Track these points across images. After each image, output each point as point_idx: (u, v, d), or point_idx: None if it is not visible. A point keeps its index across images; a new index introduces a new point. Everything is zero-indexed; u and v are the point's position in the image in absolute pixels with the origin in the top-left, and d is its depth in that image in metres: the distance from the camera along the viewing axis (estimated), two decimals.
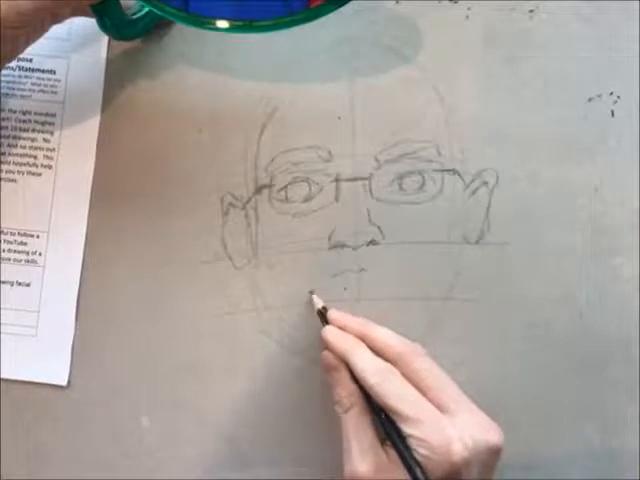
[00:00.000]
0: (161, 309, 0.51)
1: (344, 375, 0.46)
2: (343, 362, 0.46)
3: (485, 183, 0.52)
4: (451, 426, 0.42)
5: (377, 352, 0.46)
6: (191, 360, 0.51)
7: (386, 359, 0.45)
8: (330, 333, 0.47)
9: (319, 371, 0.51)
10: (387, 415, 0.44)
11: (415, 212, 0.52)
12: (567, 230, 0.52)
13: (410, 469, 0.42)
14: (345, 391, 0.46)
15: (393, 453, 0.44)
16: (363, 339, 0.47)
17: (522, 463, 0.52)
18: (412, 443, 0.43)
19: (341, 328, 0.48)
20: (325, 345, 0.47)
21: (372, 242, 0.51)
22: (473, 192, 0.52)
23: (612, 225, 0.52)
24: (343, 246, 0.51)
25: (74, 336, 0.51)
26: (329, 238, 0.51)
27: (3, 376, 0.51)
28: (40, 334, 0.51)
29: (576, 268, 0.52)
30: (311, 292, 0.51)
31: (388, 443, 0.45)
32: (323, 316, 0.49)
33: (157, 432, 0.51)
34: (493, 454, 0.43)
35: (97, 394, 0.51)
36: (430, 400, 0.44)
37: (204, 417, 0.51)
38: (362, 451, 0.44)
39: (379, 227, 0.51)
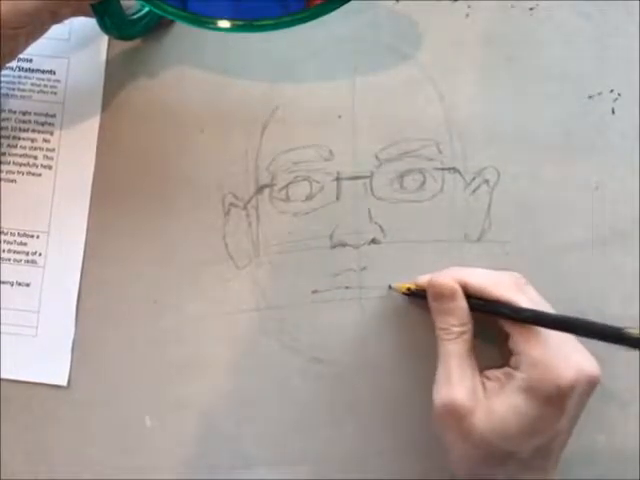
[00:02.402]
0: (162, 309, 0.51)
1: (459, 303, 0.46)
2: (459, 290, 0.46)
3: (486, 181, 0.52)
4: (560, 354, 0.43)
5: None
6: (192, 360, 0.51)
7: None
8: (433, 275, 0.48)
9: (320, 370, 0.51)
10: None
11: (416, 210, 0.52)
12: (568, 228, 0.52)
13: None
14: (458, 320, 0.46)
15: (490, 385, 0.45)
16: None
17: None
18: (529, 357, 0.44)
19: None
20: (436, 284, 0.47)
21: (373, 241, 0.51)
22: (474, 190, 0.52)
23: (613, 223, 0.52)
24: (344, 245, 0.51)
25: (74, 336, 0.51)
26: (330, 237, 0.51)
27: (3, 376, 0.51)
28: (40, 334, 0.51)
29: (577, 266, 0.52)
30: (315, 291, 0.51)
31: (485, 374, 0.46)
32: (412, 292, 0.50)
33: (158, 432, 0.51)
34: (592, 385, 0.44)
35: (97, 394, 0.51)
36: None
37: (205, 417, 0.51)
38: (464, 377, 0.45)
39: (380, 226, 0.51)
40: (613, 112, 0.52)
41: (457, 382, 0.45)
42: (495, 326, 0.47)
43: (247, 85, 0.52)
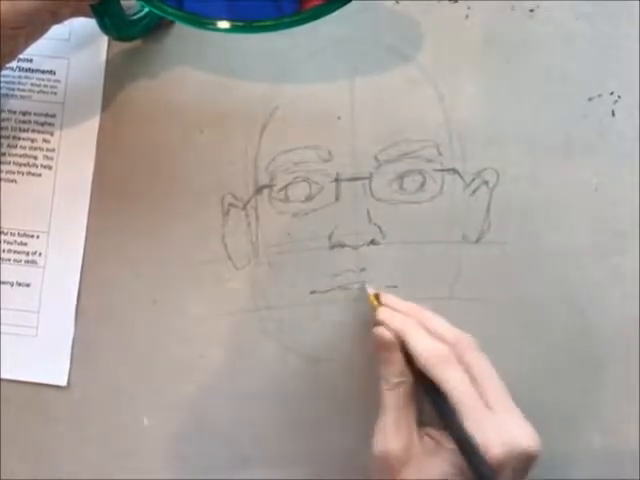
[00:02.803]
0: (161, 309, 0.51)
1: (397, 355, 0.46)
2: (398, 342, 0.46)
3: (485, 182, 0.52)
4: (493, 427, 0.42)
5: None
6: (191, 360, 0.51)
7: None
8: (385, 312, 0.47)
9: (319, 371, 0.51)
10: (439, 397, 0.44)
11: (415, 212, 0.52)
12: (567, 229, 0.52)
13: (466, 448, 0.42)
14: (396, 370, 0.46)
15: (428, 442, 0.45)
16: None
17: None
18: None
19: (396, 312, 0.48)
20: (378, 325, 0.47)
21: (372, 242, 0.51)
22: (473, 192, 0.52)
23: (612, 224, 0.52)
24: (343, 246, 0.51)
25: (74, 336, 0.51)
26: (329, 238, 0.51)
27: (3, 376, 0.51)
28: (40, 334, 0.51)
29: (576, 267, 0.52)
30: (313, 292, 0.51)
31: (423, 430, 0.45)
32: (377, 300, 0.49)
33: (157, 432, 0.51)
34: (528, 461, 0.43)
35: (97, 394, 0.51)
36: (478, 394, 0.44)
37: (204, 417, 0.51)
38: (399, 430, 0.45)
39: (379, 227, 0.51)
40: (613, 114, 0.52)
41: (394, 432, 0.45)
42: None
43: (247, 86, 0.52)
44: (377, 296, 0.49)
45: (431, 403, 0.45)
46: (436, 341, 0.45)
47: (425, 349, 0.45)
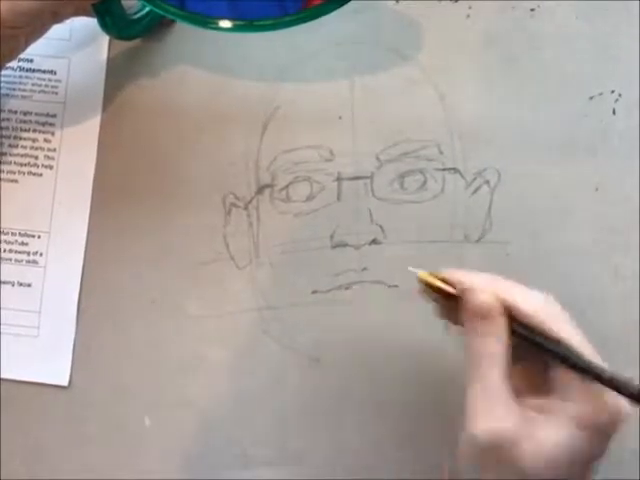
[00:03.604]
0: (162, 309, 0.51)
1: (501, 324, 0.41)
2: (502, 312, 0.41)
3: (486, 182, 0.52)
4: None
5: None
6: (192, 360, 0.51)
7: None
8: (469, 277, 0.42)
9: (320, 371, 0.51)
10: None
11: (417, 211, 0.52)
12: (568, 229, 0.52)
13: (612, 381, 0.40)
14: (498, 342, 0.41)
15: (532, 414, 0.40)
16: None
17: None
18: (580, 388, 0.40)
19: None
20: (478, 303, 0.41)
21: (374, 241, 0.51)
22: (474, 191, 0.52)
23: (613, 224, 0.52)
24: (345, 245, 0.51)
25: (75, 336, 0.51)
26: (331, 237, 0.51)
27: (4, 376, 0.51)
28: (41, 334, 0.51)
29: (577, 267, 0.52)
30: (315, 291, 0.51)
31: (525, 402, 0.41)
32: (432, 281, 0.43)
33: (158, 432, 0.51)
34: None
35: (98, 394, 0.51)
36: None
37: (205, 417, 0.51)
38: (508, 407, 0.40)
39: (381, 226, 0.51)
40: (614, 113, 0.52)
41: (502, 411, 0.40)
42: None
43: (248, 85, 0.52)
44: (434, 277, 0.43)
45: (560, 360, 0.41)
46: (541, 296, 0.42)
47: (535, 304, 0.41)
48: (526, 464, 0.39)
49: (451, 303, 0.43)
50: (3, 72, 0.50)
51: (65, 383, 0.51)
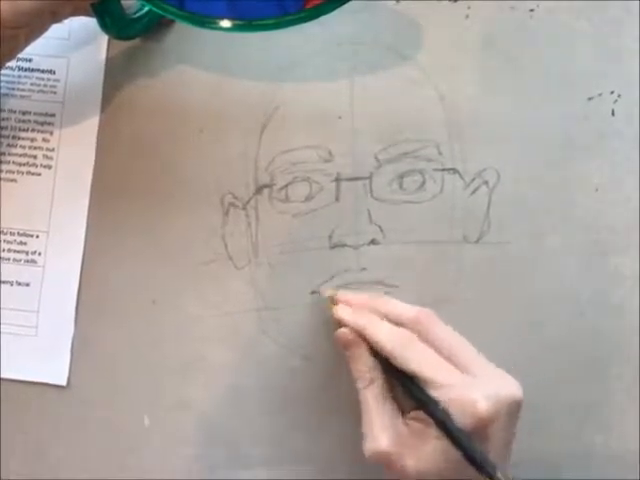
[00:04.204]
0: (161, 309, 0.51)
1: (363, 350, 0.46)
2: (361, 337, 0.46)
3: (485, 182, 0.52)
4: (474, 386, 0.43)
5: (393, 323, 0.46)
6: (191, 360, 0.51)
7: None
8: (343, 310, 0.48)
9: (319, 371, 0.51)
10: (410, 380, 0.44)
11: (415, 211, 0.52)
12: (567, 229, 0.52)
13: (441, 422, 0.42)
14: (365, 366, 0.46)
15: (415, 426, 0.44)
16: (376, 313, 0.47)
17: (522, 462, 0.52)
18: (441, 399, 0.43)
19: (352, 307, 0.48)
20: (340, 324, 0.47)
21: (373, 242, 0.51)
22: (473, 191, 0.52)
23: (612, 224, 0.52)
24: (344, 246, 0.51)
25: (74, 336, 0.51)
26: (330, 238, 0.51)
27: (3, 376, 0.51)
28: (40, 334, 0.51)
29: (576, 267, 0.52)
30: (314, 292, 0.51)
31: (408, 416, 0.45)
32: (333, 301, 0.49)
33: (157, 432, 0.51)
34: (515, 407, 0.44)
35: (97, 394, 0.51)
36: (451, 363, 0.44)
37: (203, 416, 0.51)
38: (384, 425, 0.45)
39: (379, 226, 0.51)
40: (613, 113, 0.52)
41: (378, 431, 0.44)
42: None
43: (247, 85, 0.52)
44: (333, 298, 0.49)
45: (406, 391, 0.45)
46: (394, 327, 0.46)
47: (385, 337, 0.45)
48: (412, 475, 0.44)
49: None
50: (2, 71, 0.50)
51: (64, 383, 0.51)
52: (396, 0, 0.52)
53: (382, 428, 0.44)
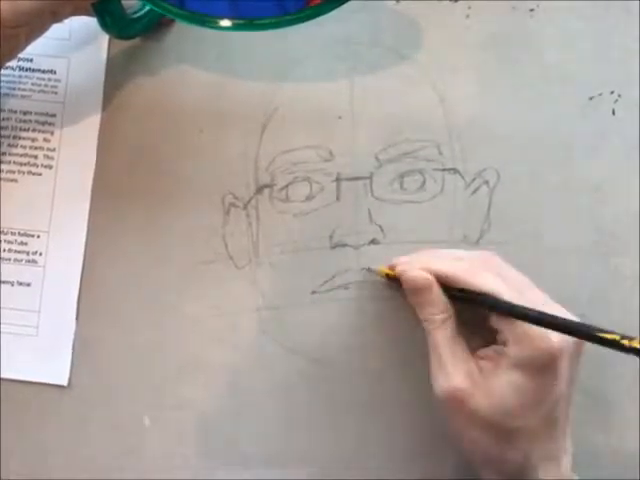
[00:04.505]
0: (162, 309, 0.51)
1: (436, 291, 0.46)
2: (431, 279, 0.46)
3: (486, 182, 0.52)
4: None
5: None
6: (192, 360, 0.51)
7: None
8: (404, 261, 0.48)
9: (319, 370, 0.51)
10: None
11: (416, 211, 0.52)
12: (568, 229, 0.52)
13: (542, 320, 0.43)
14: (437, 308, 0.46)
15: (485, 364, 0.45)
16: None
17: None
18: (513, 333, 0.44)
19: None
20: (410, 279, 0.47)
21: (373, 241, 0.51)
22: (474, 191, 0.52)
23: (613, 224, 0.52)
24: (344, 245, 0.51)
25: (75, 336, 0.51)
26: (330, 237, 0.51)
27: (3, 376, 0.51)
28: (40, 334, 0.51)
29: (577, 267, 0.52)
30: (314, 292, 0.51)
31: (477, 355, 0.46)
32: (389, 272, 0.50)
33: (158, 432, 0.51)
34: (580, 346, 0.45)
35: (97, 394, 0.51)
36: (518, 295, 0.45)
37: (204, 417, 0.51)
38: (456, 362, 0.45)
39: (380, 226, 0.51)
40: (613, 113, 0.52)
41: (451, 368, 0.45)
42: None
43: (247, 85, 0.52)
44: (389, 270, 0.50)
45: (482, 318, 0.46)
46: (470, 255, 0.47)
47: (457, 267, 0.46)
48: (481, 412, 0.44)
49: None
50: (3, 71, 0.50)
51: (64, 383, 0.51)
52: (396, 0, 0.52)
53: (455, 365, 0.45)
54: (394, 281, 0.49)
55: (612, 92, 0.52)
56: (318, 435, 0.51)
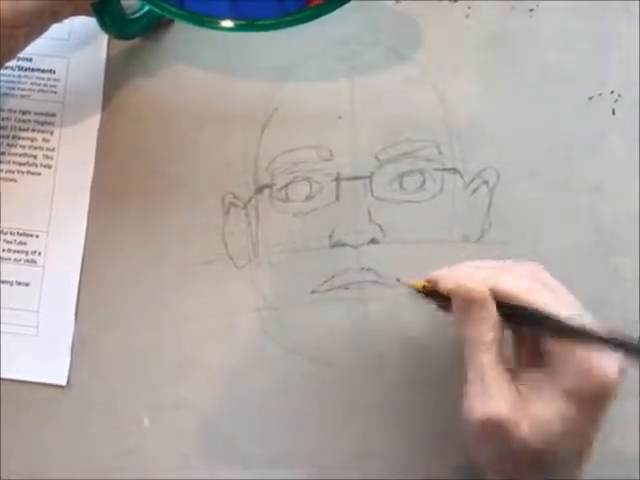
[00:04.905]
0: (161, 309, 0.51)
1: (491, 308, 0.42)
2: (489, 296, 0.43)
3: (485, 182, 0.52)
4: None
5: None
6: (191, 360, 0.51)
7: None
8: (462, 269, 0.45)
9: (319, 371, 0.51)
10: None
11: (416, 211, 0.52)
12: (568, 229, 0.52)
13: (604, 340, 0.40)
14: (489, 326, 0.42)
15: (526, 390, 0.42)
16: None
17: None
18: (570, 357, 0.41)
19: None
20: (465, 291, 0.43)
21: (373, 241, 0.51)
22: (473, 191, 0.52)
23: (613, 224, 0.52)
24: (344, 245, 0.51)
25: (74, 336, 0.51)
26: (330, 237, 0.51)
27: (3, 376, 0.51)
28: (40, 334, 0.51)
29: (577, 267, 0.52)
30: (314, 292, 0.51)
31: (519, 379, 0.42)
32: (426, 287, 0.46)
33: (157, 432, 0.51)
34: (622, 378, 0.42)
35: (97, 394, 0.51)
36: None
37: (204, 417, 0.51)
38: (501, 388, 0.42)
39: (380, 226, 0.51)
40: (613, 113, 0.52)
41: (496, 395, 0.41)
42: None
43: (247, 85, 0.52)
44: (426, 284, 0.46)
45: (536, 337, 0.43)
46: (521, 269, 0.44)
47: (519, 286, 0.43)
48: (524, 441, 0.41)
49: (447, 302, 0.44)
50: (2, 71, 0.50)
51: (63, 382, 0.51)
52: (396, 0, 0.52)
53: (500, 391, 0.42)
54: (430, 296, 0.46)
55: (612, 92, 0.52)
56: (318, 435, 0.51)
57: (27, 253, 0.51)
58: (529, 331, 0.44)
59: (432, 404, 0.50)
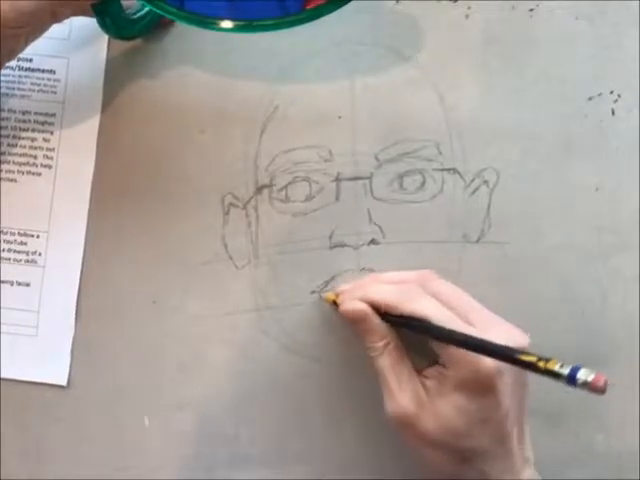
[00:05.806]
0: (161, 309, 0.51)
1: (372, 320, 0.47)
2: (368, 309, 0.47)
3: (485, 182, 0.52)
4: (488, 335, 0.43)
5: None
6: (192, 360, 0.51)
7: None
8: (345, 300, 0.48)
9: (319, 371, 0.51)
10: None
11: (416, 211, 0.52)
12: (568, 229, 0.52)
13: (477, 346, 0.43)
14: (377, 335, 0.47)
15: (431, 385, 0.45)
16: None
17: None
18: (450, 356, 0.44)
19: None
20: (346, 312, 0.48)
21: (373, 241, 0.51)
22: (473, 191, 0.52)
23: (613, 224, 0.52)
24: (344, 246, 0.51)
25: (74, 336, 0.51)
26: (330, 238, 0.51)
27: (3, 376, 0.51)
28: (40, 334, 0.51)
29: (577, 267, 0.52)
30: (314, 292, 0.51)
31: (422, 375, 0.46)
32: (336, 302, 0.50)
33: (157, 432, 0.51)
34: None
35: (97, 394, 0.51)
36: (458, 317, 0.45)
37: (204, 417, 0.51)
38: (402, 384, 0.46)
39: (380, 226, 0.51)
40: (613, 113, 0.52)
41: (397, 392, 0.46)
42: None
43: (247, 85, 0.52)
44: (335, 298, 0.50)
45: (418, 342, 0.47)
46: (398, 285, 0.48)
47: (390, 292, 0.47)
48: (430, 433, 0.45)
49: None
50: (2, 71, 0.50)
51: (64, 383, 0.51)
52: (396, 0, 0.52)
53: (400, 387, 0.46)
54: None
55: (612, 92, 0.52)
56: (318, 435, 0.51)
57: (27, 253, 0.51)
58: (415, 334, 0.47)
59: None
